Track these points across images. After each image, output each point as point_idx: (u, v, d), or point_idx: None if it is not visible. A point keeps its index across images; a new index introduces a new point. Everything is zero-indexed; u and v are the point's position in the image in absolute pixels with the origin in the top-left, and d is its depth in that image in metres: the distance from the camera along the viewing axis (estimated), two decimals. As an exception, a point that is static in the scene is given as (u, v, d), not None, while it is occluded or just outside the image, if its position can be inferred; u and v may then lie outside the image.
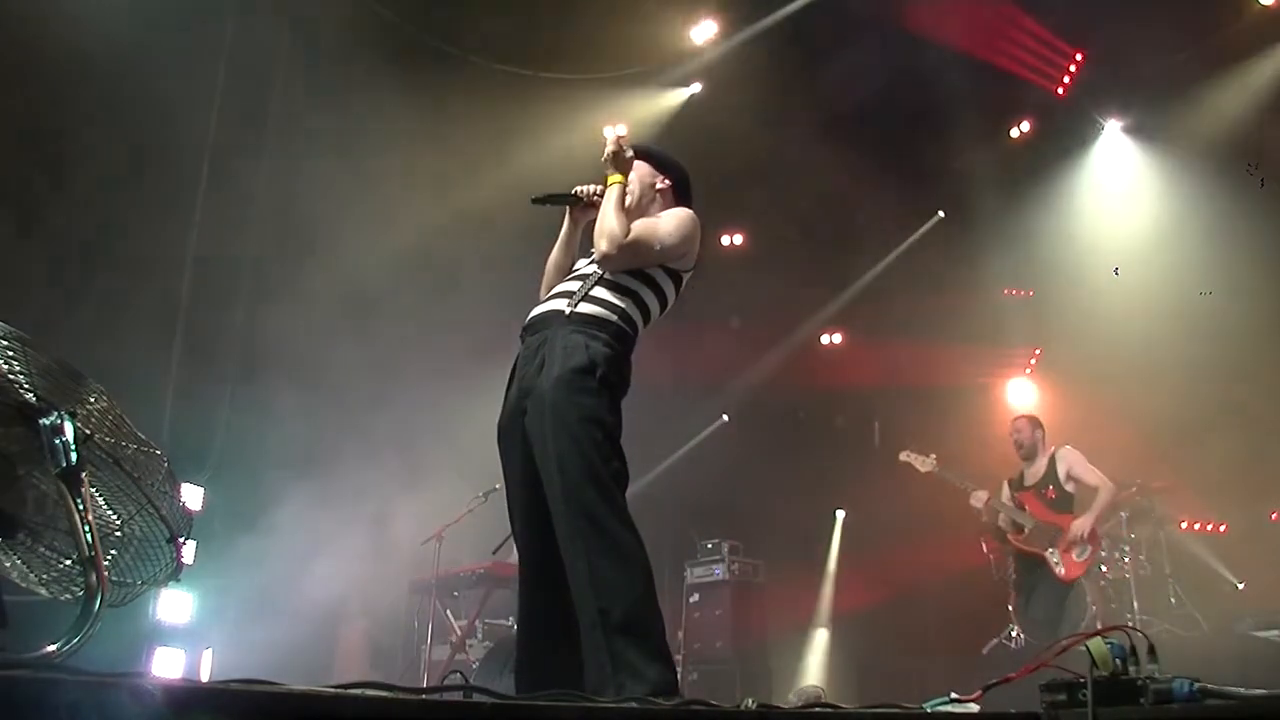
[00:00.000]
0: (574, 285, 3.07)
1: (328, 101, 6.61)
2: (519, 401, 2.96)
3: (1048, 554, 6.00)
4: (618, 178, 3.12)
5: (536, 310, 3.11)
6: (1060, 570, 5.94)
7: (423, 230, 7.21)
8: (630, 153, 3.18)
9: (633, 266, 3.05)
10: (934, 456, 6.48)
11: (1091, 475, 6.14)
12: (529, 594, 2.98)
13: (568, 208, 3.30)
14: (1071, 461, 6.21)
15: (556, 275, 3.25)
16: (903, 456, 6.59)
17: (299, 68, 6.47)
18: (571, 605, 2.71)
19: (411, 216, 7.23)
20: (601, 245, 3.01)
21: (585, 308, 2.97)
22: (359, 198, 6.95)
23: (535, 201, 3.26)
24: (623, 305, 3.01)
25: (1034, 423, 6.54)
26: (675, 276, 3.15)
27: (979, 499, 6.23)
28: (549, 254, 3.33)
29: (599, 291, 3.02)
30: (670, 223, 3.11)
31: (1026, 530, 6.15)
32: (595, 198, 3.18)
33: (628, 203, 3.16)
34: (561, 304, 3.01)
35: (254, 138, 6.59)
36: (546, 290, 3.21)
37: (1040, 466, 6.31)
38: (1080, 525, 5.95)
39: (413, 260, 7.19)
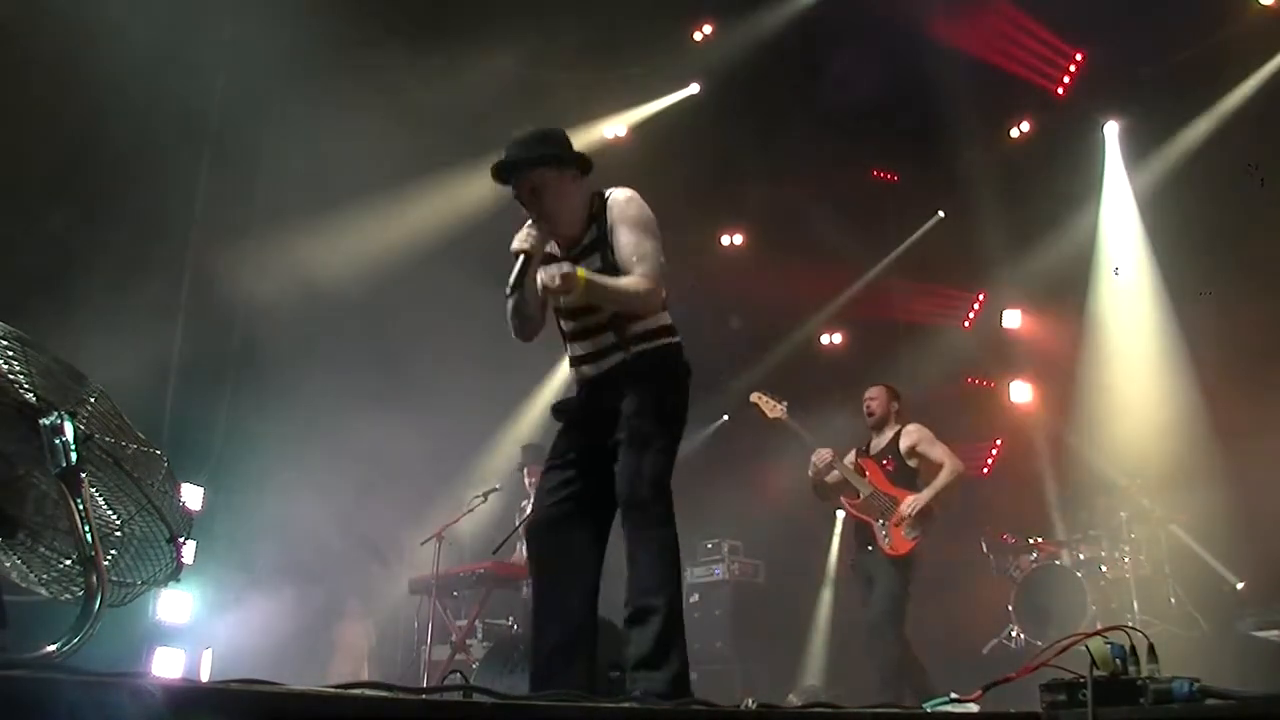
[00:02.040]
0: (610, 339, 3.04)
1: (326, 98, 6.60)
2: (587, 427, 3.07)
3: (877, 524, 5.88)
4: (578, 276, 2.87)
5: (591, 370, 3.10)
6: (887, 543, 5.81)
7: (423, 229, 7.21)
8: (567, 267, 2.89)
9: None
10: (785, 404, 6.16)
11: (936, 452, 5.95)
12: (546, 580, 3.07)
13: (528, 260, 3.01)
14: (917, 438, 6.02)
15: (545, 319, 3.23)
16: (753, 397, 6.23)
17: (299, 62, 6.46)
18: (591, 593, 3.00)
19: (413, 213, 7.23)
20: (646, 315, 3.05)
21: (637, 347, 3.02)
22: (361, 193, 6.94)
23: (513, 291, 3.03)
24: (658, 324, 3.08)
25: (891, 393, 6.28)
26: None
27: (821, 456, 6.00)
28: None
29: (631, 327, 3.03)
30: (640, 231, 3.03)
31: (862, 496, 6.01)
32: (537, 237, 3.01)
33: (561, 228, 3.07)
34: (617, 358, 3.04)
35: (254, 137, 6.59)
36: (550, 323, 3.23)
37: (885, 438, 6.14)
38: (913, 500, 5.79)
39: (415, 259, 7.18)
